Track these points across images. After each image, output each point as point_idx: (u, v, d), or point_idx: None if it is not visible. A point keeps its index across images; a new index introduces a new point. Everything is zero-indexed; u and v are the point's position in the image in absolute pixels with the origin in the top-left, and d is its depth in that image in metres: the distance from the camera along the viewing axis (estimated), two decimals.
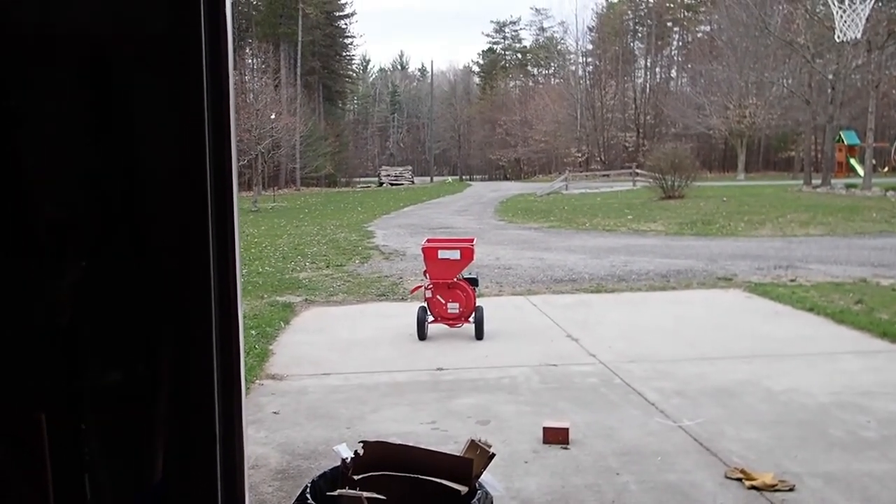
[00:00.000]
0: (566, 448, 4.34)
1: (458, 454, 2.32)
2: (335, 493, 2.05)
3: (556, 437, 4.41)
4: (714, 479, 3.90)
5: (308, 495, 2.15)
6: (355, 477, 2.18)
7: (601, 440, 4.47)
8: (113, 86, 1.62)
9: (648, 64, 66.36)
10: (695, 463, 4.13)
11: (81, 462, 1.76)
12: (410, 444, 3.32)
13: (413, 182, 55.29)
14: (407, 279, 10.53)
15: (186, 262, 1.78)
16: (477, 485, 2.26)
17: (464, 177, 70.37)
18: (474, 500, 2.15)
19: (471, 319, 7.12)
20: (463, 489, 2.17)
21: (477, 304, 7.16)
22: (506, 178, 63.62)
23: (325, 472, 2.36)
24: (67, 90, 1.60)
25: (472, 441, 2.29)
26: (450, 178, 67.37)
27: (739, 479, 3.85)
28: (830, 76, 31.94)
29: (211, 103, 1.72)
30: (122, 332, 1.76)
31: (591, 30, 69.72)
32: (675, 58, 68.35)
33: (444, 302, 7.10)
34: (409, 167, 60.31)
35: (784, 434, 4.56)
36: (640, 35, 67.50)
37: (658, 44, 65.94)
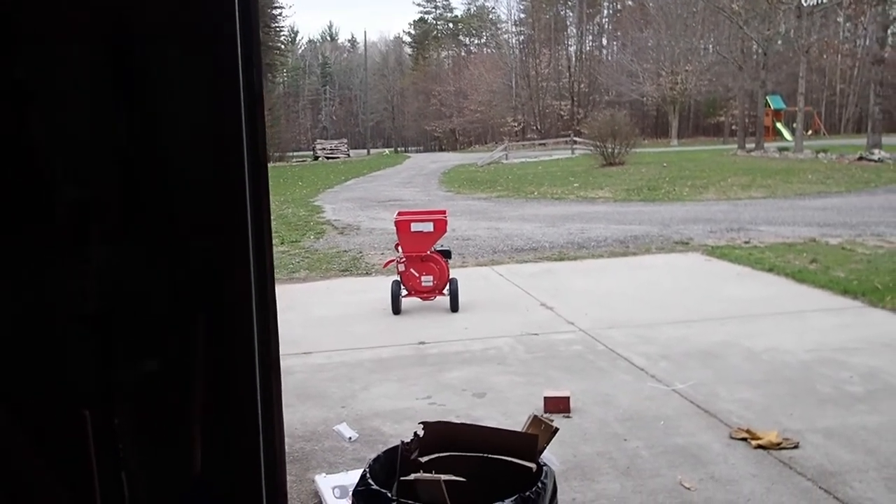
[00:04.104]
0: (569, 417, 4.34)
1: (520, 430, 2.27)
2: (410, 477, 1.97)
3: (558, 406, 4.40)
4: (720, 440, 3.95)
5: (371, 481, 2.06)
6: (421, 459, 2.11)
7: (601, 407, 4.48)
8: (138, 57, 1.48)
9: (580, 32, 66.76)
10: (697, 425, 4.17)
11: (118, 458, 1.64)
12: (470, 422, 3.26)
13: (349, 155, 54.66)
14: (367, 253, 10.40)
15: (223, 243, 1.66)
16: (541, 461, 2.21)
17: (399, 148, 69.96)
18: (543, 476, 2.10)
19: (445, 292, 7.06)
20: (532, 466, 2.12)
21: (450, 276, 7.10)
22: (441, 149, 63.52)
23: (378, 456, 2.28)
24: (90, 64, 1.46)
25: (535, 416, 2.23)
26: (386, 151, 66.90)
27: (745, 439, 3.91)
28: (761, 42, 32.65)
29: (245, 74, 1.59)
30: (155, 318, 1.63)
31: None
32: (606, 26, 68.98)
33: (417, 275, 7.01)
34: (345, 140, 59.56)
35: (775, 392, 4.66)
36: (570, 3, 67.78)
37: (589, 11, 66.38)
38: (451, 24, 78.80)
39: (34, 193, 1.48)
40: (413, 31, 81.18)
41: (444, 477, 1.93)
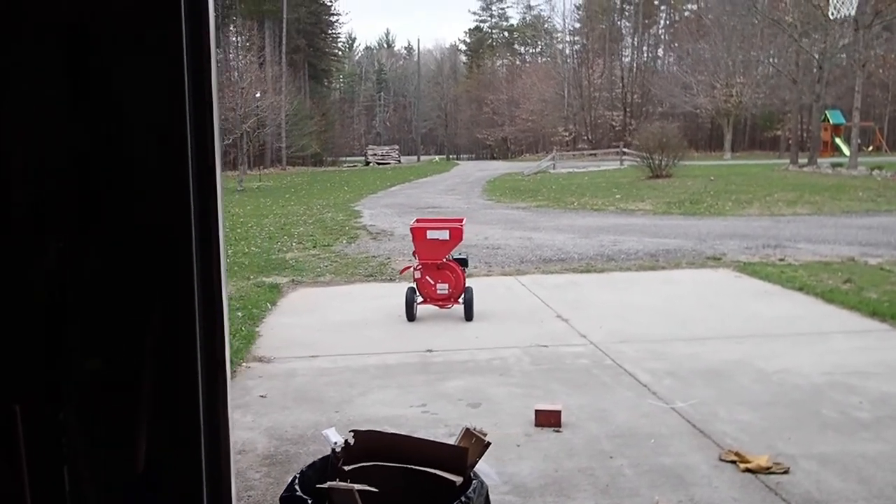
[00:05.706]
0: (558, 431, 4.29)
1: (452, 443, 2.24)
2: (324, 486, 1.97)
3: (549, 419, 4.35)
4: (709, 461, 3.86)
5: (297, 487, 2.07)
6: (346, 468, 2.10)
7: (594, 423, 4.42)
8: (90, 57, 1.51)
9: (636, 43, 66.09)
10: (689, 446, 4.08)
11: (60, 454, 1.67)
12: (403, 432, 3.24)
13: (400, 161, 55.01)
14: (395, 260, 10.44)
15: (167, 243, 1.68)
16: (472, 474, 2.19)
17: (451, 156, 70.08)
18: (469, 490, 2.07)
19: (460, 300, 7.04)
20: (458, 479, 2.09)
21: (466, 285, 7.08)
22: (493, 158, 63.45)
23: (314, 462, 2.28)
24: (42, 62, 1.49)
25: (467, 429, 2.21)
26: (437, 158, 67.06)
27: (734, 462, 3.81)
28: (817, 55, 31.89)
29: (191, 78, 1.61)
30: (101, 316, 1.66)
31: (578, 8, 69.48)
32: (663, 36, 68.19)
33: (433, 283, 7.01)
34: (396, 146, 59.96)
35: (777, 415, 4.53)
36: (627, 13, 67.19)
37: (645, 22, 65.69)
38: (506, 33, 78.79)
39: None
40: (468, 40, 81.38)
41: (357, 487, 1.92)
